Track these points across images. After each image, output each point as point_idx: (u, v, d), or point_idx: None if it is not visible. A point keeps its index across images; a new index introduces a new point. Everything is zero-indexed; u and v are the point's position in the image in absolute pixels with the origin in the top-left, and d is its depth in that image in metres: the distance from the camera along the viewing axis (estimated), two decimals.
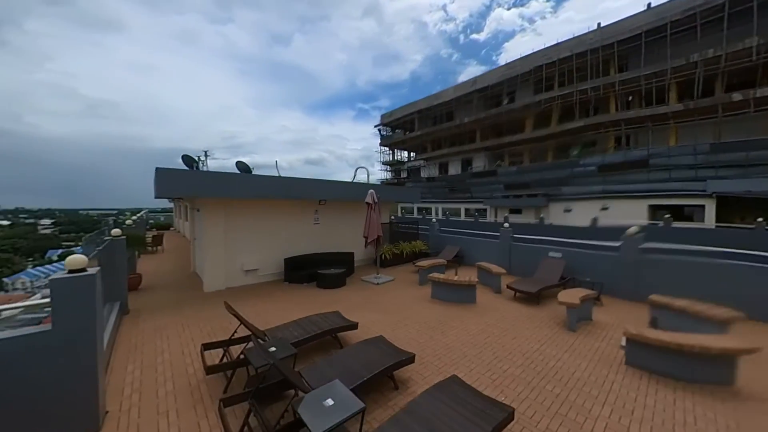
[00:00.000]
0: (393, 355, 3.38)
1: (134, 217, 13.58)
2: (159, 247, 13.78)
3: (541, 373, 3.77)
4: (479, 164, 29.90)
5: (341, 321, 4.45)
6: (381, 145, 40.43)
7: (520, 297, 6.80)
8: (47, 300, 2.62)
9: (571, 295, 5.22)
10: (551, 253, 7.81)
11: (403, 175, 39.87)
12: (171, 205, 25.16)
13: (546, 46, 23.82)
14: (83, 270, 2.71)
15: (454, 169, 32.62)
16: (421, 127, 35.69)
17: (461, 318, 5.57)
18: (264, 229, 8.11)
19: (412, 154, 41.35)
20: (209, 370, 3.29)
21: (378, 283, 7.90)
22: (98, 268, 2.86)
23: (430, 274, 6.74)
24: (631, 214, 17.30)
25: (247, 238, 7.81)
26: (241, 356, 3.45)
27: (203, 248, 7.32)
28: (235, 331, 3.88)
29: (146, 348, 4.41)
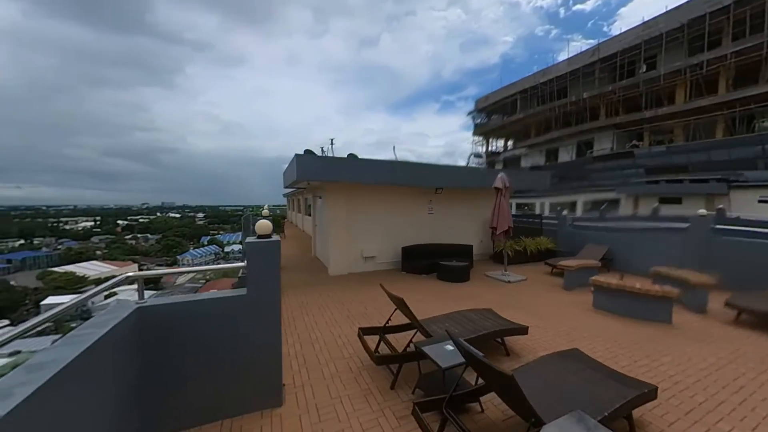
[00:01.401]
0: (625, 386, 2.34)
1: (266, 208, 15.89)
2: (282, 234, 15.75)
3: None
4: (604, 146, 24.50)
5: (505, 322, 3.61)
6: (475, 134, 37.71)
7: (749, 320, 4.63)
8: (242, 264, 2.62)
9: None
10: None
11: (498, 167, 36.34)
12: (284, 201, 29.08)
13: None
14: (269, 236, 2.63)
15: (566, 155, 27.72)
16: (524, 109, 31.66)
17: (665, 342, 4.00)
18: (381, 217, 7.97)
19: (509, 143, 37.31)
20: (379, 360, 2.93)
21: (509, 281, 6.76)
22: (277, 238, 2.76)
23: (594, 277, 5.25)
24: None
25: (366, 225, 7.78)
26: (409, 348, 2.99)
27: (328, 234, 7.58)
28: (389, 319, 3.49)
29: (298, 323, 4.53)
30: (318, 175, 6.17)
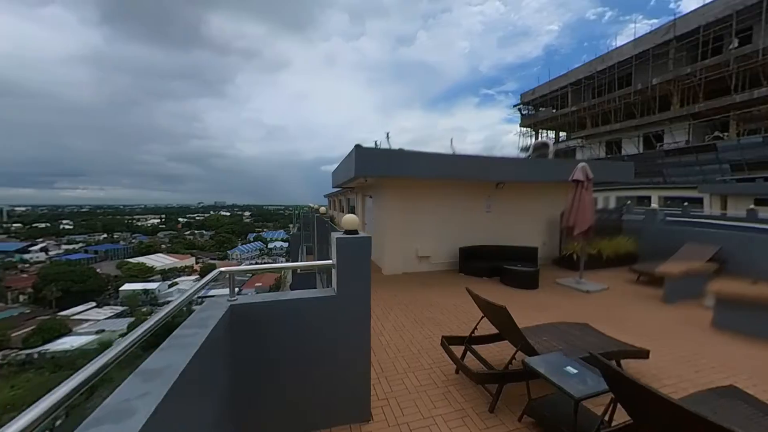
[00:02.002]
0: None
1: (314, 206, 16.31)
2: None
3: None
4: (677, 139, 21.41)
5: (617, 341, 3.00)
6: (522, 125, 35.43)
7: None
8: (330, 262, 2.40)
9: None
10: None
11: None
12: (317, 201, 29.85)
13: None
14: (356, 231, 2.37)
15: (631, 147, 24.75)
16: (577, 101, 29.06)
17: None
18: (436, 216, 7.55)
19: (561, 134, 34.48)
20: (480, 378, 2.53)
21: (587, 291, 5.93)
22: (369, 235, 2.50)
23: (715, 286, 4.32)
24: None
25: (421, 224, 7.42)
26: (511, 365, 2.55)
27: (382, 232, 7.34)
28: (476, 328, 3.08)
29: None
30: (378, 169, 5.93)
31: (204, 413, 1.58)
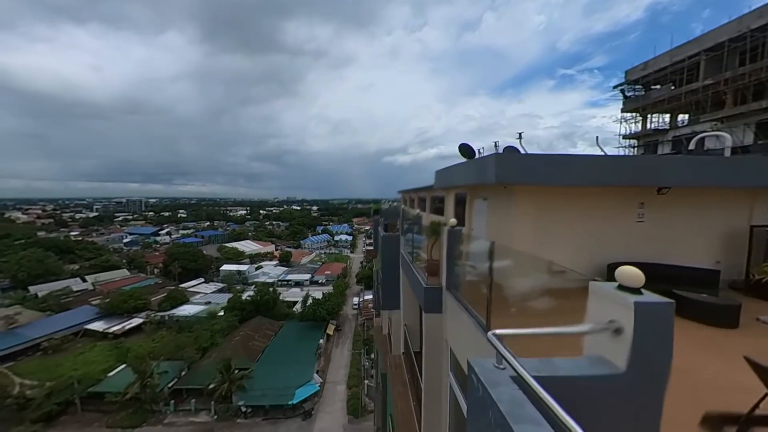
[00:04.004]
0: None
1: (388, 202, 16.34)
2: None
3: None
4: None
5: None
6: (625, 110, 29.93)
7: None
8: (601, 327, 1.88)
9: None
10: None
11: (664, 150, 27.68)
12: (377, 195, 29.86)
13: None
14: (640, 291, 1.79)
15: None
16: (713, 72, 23.09)
17: None
18: (575, 225, 6.46)
19: (680, 118, 28.08)
20: None
21: None
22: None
23: None
24: None
25: (556, 234, 6.44)
26: None
27: (503, 242, 6.60)
28: (759, 404, 2.23)
29: None
30: (519, 176, 5.24)
31: None
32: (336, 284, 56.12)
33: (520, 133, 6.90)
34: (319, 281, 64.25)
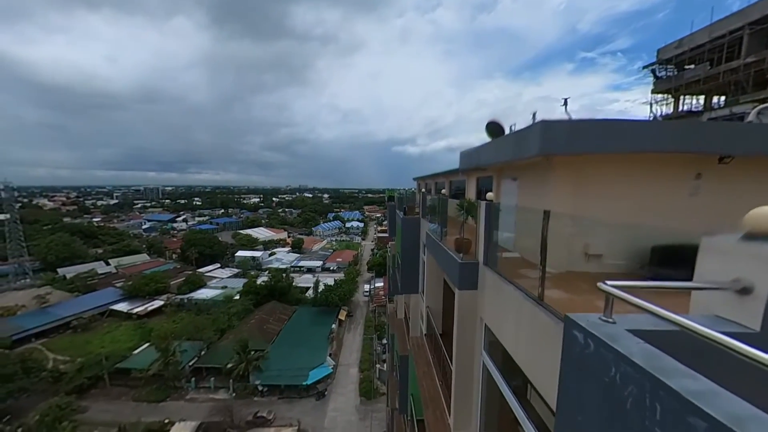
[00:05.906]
0: None
1: (402, 190, 16.01)
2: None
3: None
4: None
5: None
6: (655, 91, 28.20)
7: None
8: (725, 282, 1.58)
9: None
10: None
11: None
12: (388, 185, 29.40)
13: None
14: None
15: None
16: (757, 49, 21.28)
17: None
18: (615, 203, 6.01)
19: (714, 100, 26.28)
20: None
21: None
22: None
23: None
24: None
25: (594, 213, 6.02)
26: None
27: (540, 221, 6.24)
28: None
29: None
30: (567, 145, 4.83)
31: None
32: (347, 271, 56.72)
33: (565, 99, 6.38)
34: (331, 268, 65.28)
